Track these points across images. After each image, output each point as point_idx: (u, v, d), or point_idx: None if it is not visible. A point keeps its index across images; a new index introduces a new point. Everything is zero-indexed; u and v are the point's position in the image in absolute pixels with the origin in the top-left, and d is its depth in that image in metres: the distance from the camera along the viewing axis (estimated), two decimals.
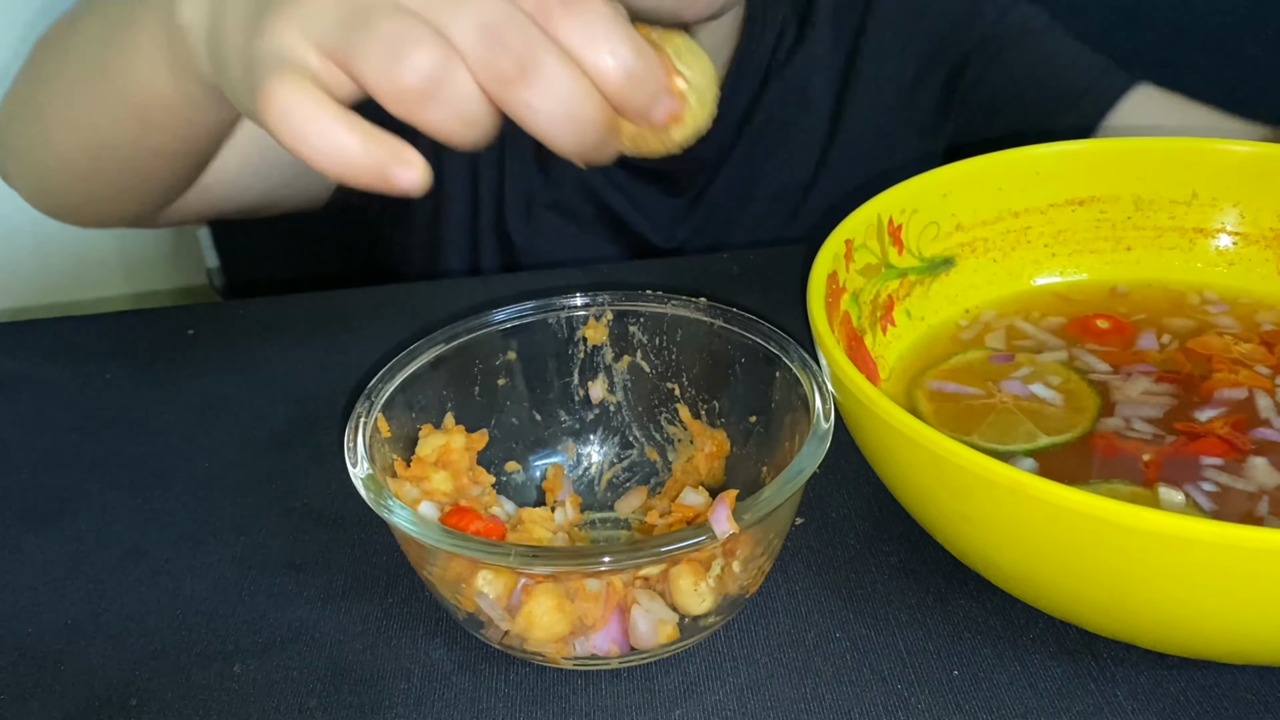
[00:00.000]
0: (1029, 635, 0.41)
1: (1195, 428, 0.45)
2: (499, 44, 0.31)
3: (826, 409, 0.41)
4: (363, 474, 0.39)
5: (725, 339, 0.46)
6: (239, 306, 0.65)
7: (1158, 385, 0.47)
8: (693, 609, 0.39)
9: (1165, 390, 0.47)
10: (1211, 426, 0.44)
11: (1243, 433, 0.44)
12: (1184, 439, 0.44)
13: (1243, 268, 0.54)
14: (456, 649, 0.42)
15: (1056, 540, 0.35)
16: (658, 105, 0.33)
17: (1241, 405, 0.46)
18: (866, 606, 0.42)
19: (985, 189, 0.53)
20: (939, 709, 0.38)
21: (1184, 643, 0.37)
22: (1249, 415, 0.45)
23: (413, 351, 0.45)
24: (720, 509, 0.36)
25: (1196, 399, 0.46)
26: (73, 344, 0.62)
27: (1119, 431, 0.45)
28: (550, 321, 0.48)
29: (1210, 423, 0.45)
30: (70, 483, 0.52)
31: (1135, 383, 0.48)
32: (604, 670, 0.40)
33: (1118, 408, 0.46)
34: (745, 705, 0.39)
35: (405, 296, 0.65)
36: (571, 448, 0.49)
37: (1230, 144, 0.53)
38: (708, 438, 0.47)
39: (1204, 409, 0.46)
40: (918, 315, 0.52)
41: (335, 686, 0.40)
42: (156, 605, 0.44)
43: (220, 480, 0.51)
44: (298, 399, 0.56)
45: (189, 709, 0.40)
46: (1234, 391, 0.46)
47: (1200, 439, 0.44)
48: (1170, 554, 0.32)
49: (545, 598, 0.38)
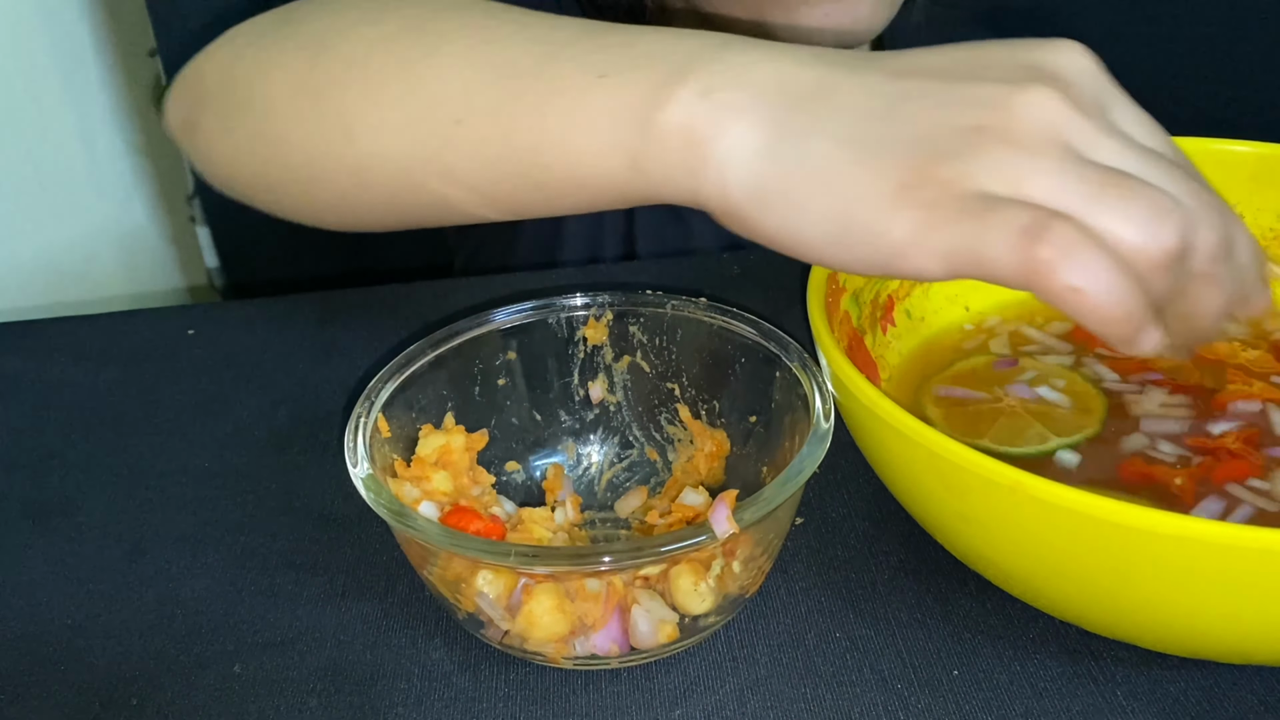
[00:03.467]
0: (1029, 635, 0.41)
1: (1210, 444, 0.44)
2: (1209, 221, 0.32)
3: (826, 409, 0.41)
4: (363, 474, 0.39)
5: (725, 339, 0.46)
6: (239, 306, 0.65)
7: (1173, 397, 0.47)
8: (693, 609, 0.39)
9: (1181, 402, 0.47)
10: (1224, 442, 0.44)
11: (1256, 448, 0.44)
12: (1210, 459, 0.43)
13: None
14: (456, 649, 0.42)
15: (1056, 540, 0.35)
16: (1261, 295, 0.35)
17: (1255, 418, 0.45)
18: (866, 606, 0.42)
19: None
20: (939, 709, 0.38)
21: (1184, 643, 0.37)
22: (1262, 430, 0.45)
23: (413, 351, 0.45)
24: (720, 509, 0.36)
25: (1211, 411, 0.46)
26: (73, 344, 0.62)
27: (1144, 452, 0.44)
28: (550, 321, 0.48)
29: (1223, 437, 0.44)
30: (70, 483, 0.52)
31: (1150, 395, 0.47)
32: (604, 670, 0.40)
33: (1142, 423, 0.45)
34: (745, 705, 0.39)
35: (405, 296, 0.65)
36: (571, 448, 0.49)
37: (1230, 144, 0.53)
38: (708, 438, 0.47)
39: (1218, 422, 0.45)
40: (918, 315, 0.52)
41: (335, 686, 0.40)
42: (156, 605, 0.44)
43: (220, 480, 0.51)
44: (298, 399, 0.56)
45: (189, 709, 0.40)
46: (1247, 404, 0.46)
47: (1226, 461, 0.43)
48: (1170, 554, 0.32)
49: (545, 598, 0.38)
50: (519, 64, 0.39)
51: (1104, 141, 0.32)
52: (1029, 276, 0.30)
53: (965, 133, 0.32)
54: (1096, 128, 0.32)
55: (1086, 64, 0.34)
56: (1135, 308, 0.30)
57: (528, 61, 0.39)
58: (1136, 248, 0.30)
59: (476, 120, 0.40)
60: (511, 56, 0.40)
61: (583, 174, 0.38)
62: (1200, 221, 0.32)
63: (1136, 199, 0.30)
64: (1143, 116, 0.34)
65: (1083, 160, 0.31)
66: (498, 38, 0.41)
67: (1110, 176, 0.31)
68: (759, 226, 0.35)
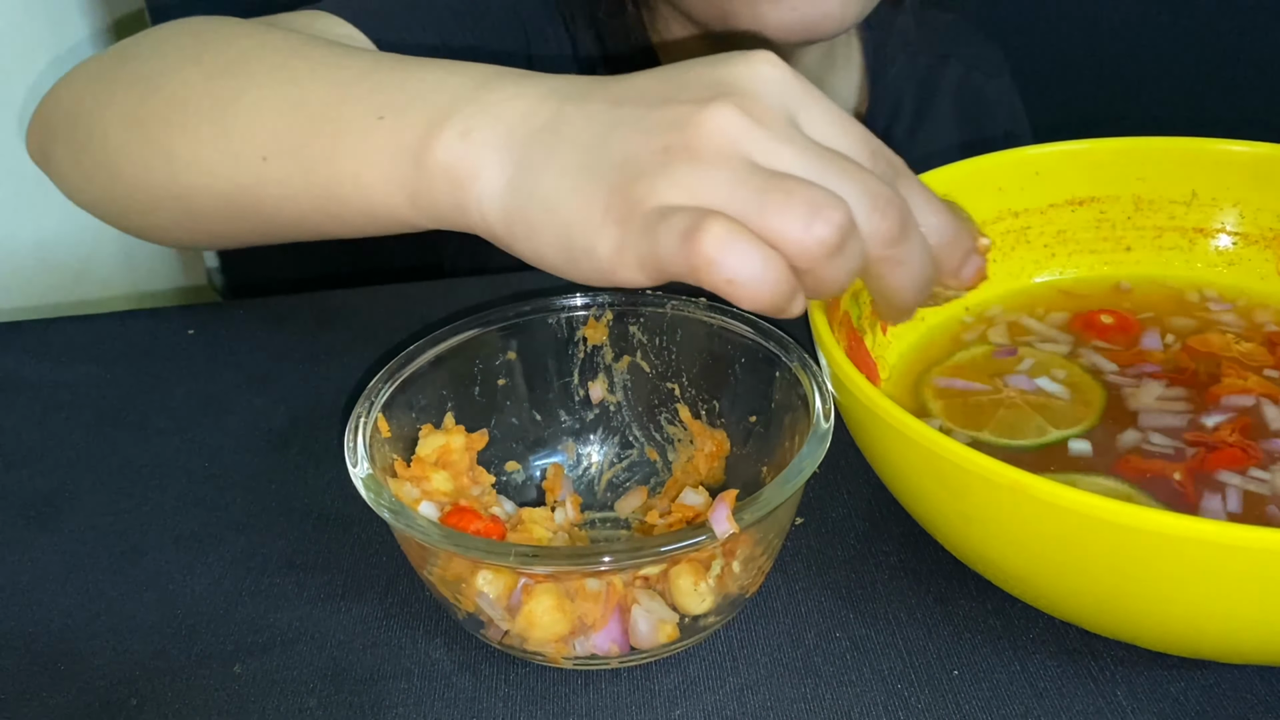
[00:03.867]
0: (1029, 635, 0.41)
1: (1207, 437, 0.44)
2: (882, 211, 0.35)
3: (826, 409, 0.41)
4: (363, 474, 0.39)
5: (725, 339, 0.46)
6: (239, 306, 0.65)
7: (1170, 390, 0.47)
8: (693, 609, 0.39)
9: (1178, 395, 0.47)
10: (1221, 435, 0.44)
11: (1249, 438, 0.44)
12: (1203, 451, 0.43)
13: (1243, 268, 0.54)
14: (456, 649, 0.42)
15: (1056, 540, 0.35)
16: (970, 264, 0.39)
17: (1248, 411, 0.46)
18: (866, 606, 0.42)
19: (985, 189, 0.53)
20: (939, 709, 0.38)
21: (1184, 643, 0.37)
22: (1255, 422, 0.45)
23: (413, 351, 0.45)
24: (720, 509, 0.36)
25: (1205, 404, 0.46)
26: (73, 344, 0.62)
27: (1139, 447, 0.44)
28: (550, 321, 0.48)
29: (1218, 429, 0.45)
30: (71, 483, 0.52)
31: (1148, 388, 0.47)
32: (604, 670, 0.40)
33: (1140, 417, 0.45)
34: (745, 705, 0.39)
35: (405, 296, 0.65)
36: (571, 448, 0.49)
37: (1230, 144, 0.53)
38: (708, 437, 0.47)
39: (1211, 414, 0.45)
40: (918, 314, 0.52)
41: (335, 686, 0.40)
42: (156, 605, 0.44)
43: (220, 480, 0.51)
44: (298, 399, 0.56)
45: (189, 709, 0.40)
46: (1241, 398, 0.46)
47: (1217, 450, 0.43)
48: (1170, 554, 0.32)
49: (545, 597, 0.38)
50: (312, 105, 0.44)
51: (781, 149, 0.35)
52: (694, 272, 0.34)
53: (657, 154, 0.35)
54: (773, 136, 0.35)
55: (773, 74, 0.37)
56: (781, 294, 0.34)
57: (317, 104, 0.44)
58: (796, 241, 0.34)
59: (280, 159, 0.45)
60: (306, 97, 0.44)
61: (372, 208, 0.43)
62: (874, 211, 0.35)
63: (794, 199, 0.34)
64: (834, 117, 0.37)
65: (754, 168, 0.35)
66: (297, 77, 0.45)
67: (775, 181, 0.34)
68: (517, 251, 0.39)
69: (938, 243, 0.38)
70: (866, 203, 0.35)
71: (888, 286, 0.37)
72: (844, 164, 0.36)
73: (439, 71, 0.42)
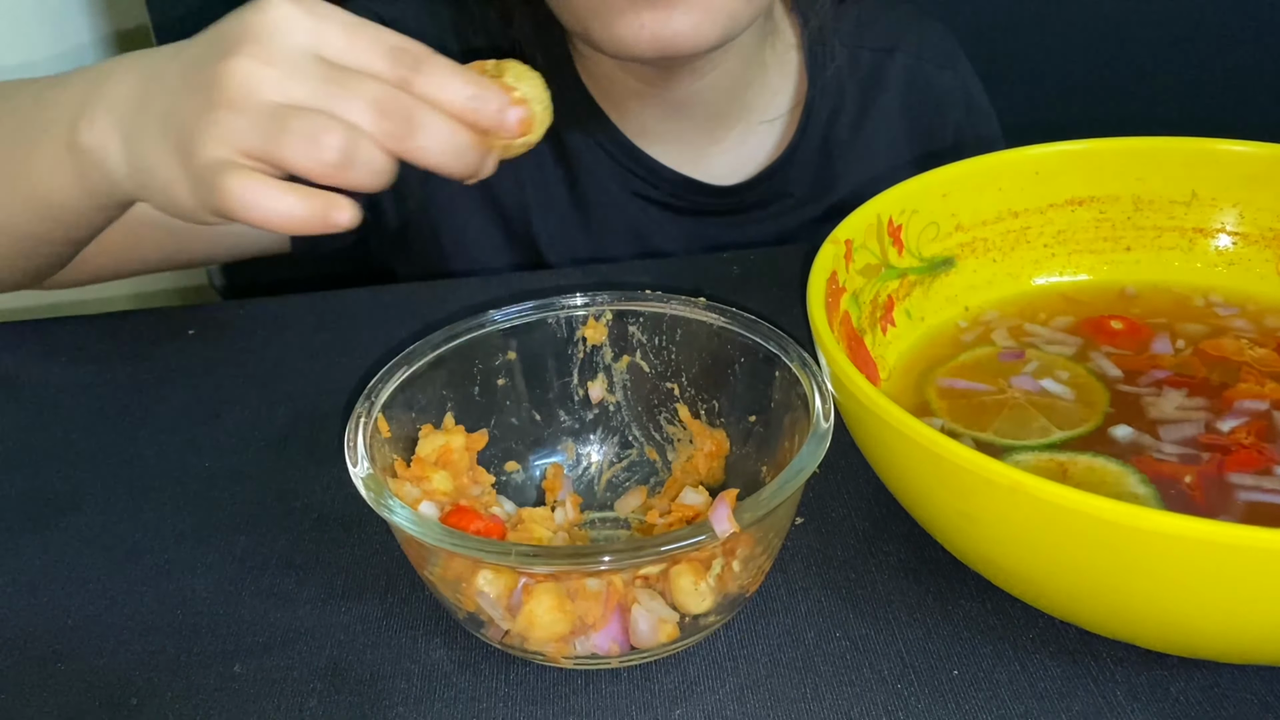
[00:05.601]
0: (1029, 635, 0.41)
1: (1221, 440, 0.44)
2: (385, 113, 0.40)
3: (826, 409, 0.41)
4: (363, 474, 0.39)
5: (725, 339, 0.46)
6: (239, 306, 0.65)
7: (1190, 400, 0.47)
8: (693, 608, 0.39)
9: (1198, 405, 0.46)
10: (1236, 438, 0.44)
11: (1265, 441, 0.44)
12: (1218, 455, 0.43)
13: (1243, 268, 0.54)
14: (456, 649, 0.42)
15: (1056, 540, 0.35)
16: (507, 116, 0.42)
17: (1261, 415, 0.45)
18: (866, 606, 0.42)
19: (985, 189, 0.53)
20: (939, 709, 0.38)
21: (1184, 643, 0.37)
22: (1269, 426, 0.45)
23: (413, 351, 0.45)
24: (720, 508, 0.36)
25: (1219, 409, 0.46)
26: (73, 344, 0.62)
27: (1150, 450, 0.44)
28: (550, 321, 0.48)
29: (1234, 433, 0.44)
30: (70, 483, 0.52)
31: (1168, 398, 0.47)
32: (604, 670, 0.40)
33: (1161, 430, 0.45)
34: (745, 705, 0.39)
35: (405, 296, 0.65)
36: (571, 448, 0.49)
37: (1230, 144, 0.53)
38: (707, 437, 0.47)
39: (1226, 419, 0.45)
40: (918, 315, 0.52)
41: (335, 686, 0.40)
42: (156, 605, 0.44)
43: (220, 480, 0.51)
44: (298, 399, 0.56)
45: (189, 709, 0.40)
46: (1255, 403, 0.46)
47: (1233, 453, 0.43)
48: (1170, 554, 0.32)
49: (545, 597, 0.38)
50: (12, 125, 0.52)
51: (290, 85, 0.40)
52: (236, 217, 0.40)
53: (200, 113, 0.41)
54: (282, 75, 0.40)
55: (281, 14, 0.41)
56: (301, 215, 0.40)
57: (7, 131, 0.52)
58: (307, 169, 0.39)
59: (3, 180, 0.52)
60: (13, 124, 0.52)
61: (69, 207, 0.51)
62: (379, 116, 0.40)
63: (293, 134, 0.39)
64: (348, 35, 0.42)
65: (271, 108, 0.40)
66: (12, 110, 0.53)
67: (280, 119, 0.39)
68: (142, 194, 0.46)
69: (464, 109, 0.41)
70: (371, 112, 0.40)
71: (427, 165, 0.41)
72: (350, 82, 0.40)
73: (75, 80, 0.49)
